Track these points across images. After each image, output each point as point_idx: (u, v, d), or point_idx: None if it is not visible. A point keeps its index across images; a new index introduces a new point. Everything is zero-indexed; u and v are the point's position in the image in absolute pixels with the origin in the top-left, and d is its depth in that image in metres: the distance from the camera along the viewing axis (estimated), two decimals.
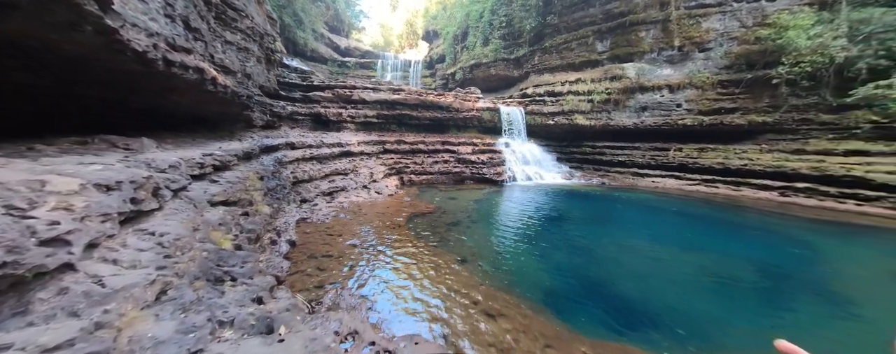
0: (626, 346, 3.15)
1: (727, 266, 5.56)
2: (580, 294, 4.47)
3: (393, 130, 16.16)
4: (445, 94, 18.89)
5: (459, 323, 3.42)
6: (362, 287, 4.16)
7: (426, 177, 14.85)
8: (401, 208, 9.22)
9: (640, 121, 15.96)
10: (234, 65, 6.70)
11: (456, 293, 4.08)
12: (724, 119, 13.80)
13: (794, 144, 12.27)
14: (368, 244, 5.85)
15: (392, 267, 4.88)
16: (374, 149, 14.08)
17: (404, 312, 3.63)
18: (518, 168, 16.48)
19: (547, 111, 18.64)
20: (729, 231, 8.14)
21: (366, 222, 7.36)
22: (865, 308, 4.13)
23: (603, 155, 17.62)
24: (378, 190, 11.29)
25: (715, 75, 14.29)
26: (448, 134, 17.54)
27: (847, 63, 11.08)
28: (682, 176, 14.42)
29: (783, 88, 12.38)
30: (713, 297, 4.48)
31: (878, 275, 5.15)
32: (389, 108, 15.84)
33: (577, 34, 18.37)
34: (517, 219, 8.70)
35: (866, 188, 9.98)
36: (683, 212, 10.04)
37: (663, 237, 7.38)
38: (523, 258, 5.68)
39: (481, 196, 12.21)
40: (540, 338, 3.18)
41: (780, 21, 12.39)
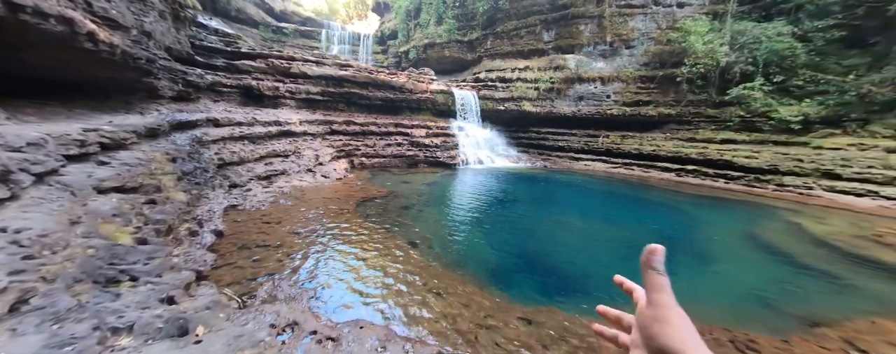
0: (554, 309, 3.61)
1: (636, 235, 6.72)
2: (520, 268, 4.94)
3: (341, 109, 15.01)
4: (398, 74, 18.07)
5: (407, 304, 3.50)
6: (305, 276, 3.93)
7: (378, 160, 14.35)
8: (350, 193, 8.80)
9: (577, 110, 17.58)
10: (126, 19, 5.34)
11: (405, 276, 4.14)
12: (642, 110, 16.02)
13: (688, 133, 14.93)
14: (313, 231, 5.50)
15: (339, 254, 4.70)
16: (319, 129, 12.96)
17: (350, 298, 3.57)
18: (471, 152, 16.95)
19: (498, 96, 19.25)
20: (639, 206, 9.76)
21: (310, 208, 6.86)
22: (720, 261, 5.43)
23: (546, 140, 19.11)
24: (325, 173, 10.55)
25: (636, 71, 16.31)
26: (401, 115, 16.99)
27: (727, 67, 13.65)
28: (608, 159, 16.53)
29: (684, 85, 14.78)
30: (623, 262, 5.40)
31: (731, 237, 6.77)
32: (336, 85, 14.57)
33: (526, 22, 18.95)
34: (468, 202, 9.05)
35: (732, 169, 12.79)
36: (607, 191, 11.63)
37: (590, 213, 8.49)
38: (472, 238, 5.98)
39: (435, 179, 12.32)
40: (481, 311, 3.45)
41: (685, 26, 14.53)
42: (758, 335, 3.23)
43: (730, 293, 4.32)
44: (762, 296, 4.18)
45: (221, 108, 9.71)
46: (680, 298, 0.41)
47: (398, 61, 26.39)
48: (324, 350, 2.52)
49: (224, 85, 11.09)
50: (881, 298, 4.18)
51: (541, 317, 3.39)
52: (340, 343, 2.62)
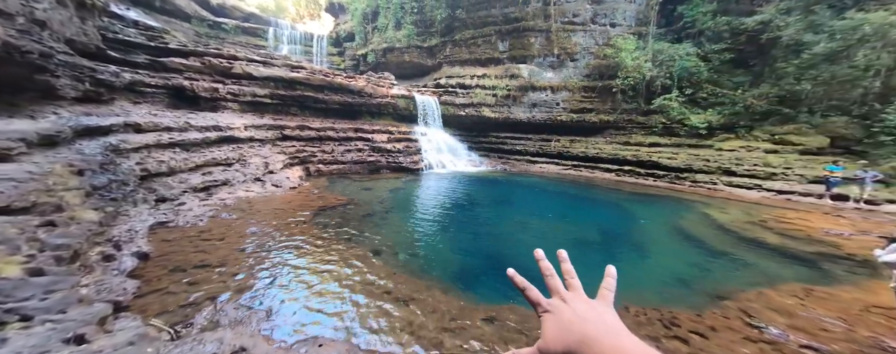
0: (514, 306, 3.80)
1: (584, 230, 7.41)
2: (484, 269, 5.12)
3: (293, 114, 14.06)
4: (357, 77, 17.54)
5: (370, 315, 3.40)
6: (253, 296, 3.59)
7: (337, 167, 13.70)
8: (306, 202, 8.27)
9: (532, 116, 18.83)
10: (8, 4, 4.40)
11: (367, 286, 4.02)
12: (586, 117, 17.76)
13: (623, 138, 16.94)
14: (262, 246, 5.04)
15: (293, 269, 4.38)
16: (268, 134, 11.96)
17: (308, 316, 3.35)
18: (434, 156, 17.07)
19: (459, 102, 19.75)
20: (587, 204, 10.78)
21: (260, 221, 6.29)
22: (651, 250, 6.26)
23: (505, 144, 20.08)
24: (276, 182, 9.75)
25: (580, 81, 18.08)
26: (361, 120, 16.50)
27: (651, 80, 15.85)
28: (560, 162, 17.95)
29: (619, 95, 16.78)
30: (574, 256, 5.86)
31: (659, 228, 7.85)
32: (288, 88, 13.62)
33: (483, 32, 19.86)
34: (432, 207, 9.10)
35: (658, 169, 14.80)
36: (560, 192, 12.62)
37: (546, 213, 9.14)
38: (437, 243, 6.03)
39: (398, 185, 12.15)
40: (447, 315, 3.50)
41: (617, 44, 16.56)
42: (679, 312, 3.80)
43: (658, 277, 4.99)
44: (682, 278, 4.91)
45: (144, 111, 8.43)
46: (622, 285, 0.49)
47: (356, 64, 25.62)
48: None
49: (147, 85, 9.68)
50: (765, 272, 5.20)
51: (503, 315, 3.56)
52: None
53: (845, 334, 3.39)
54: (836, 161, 11.15)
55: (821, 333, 3.39)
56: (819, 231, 7.27)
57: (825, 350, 3.11)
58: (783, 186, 11.63)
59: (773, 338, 3.28)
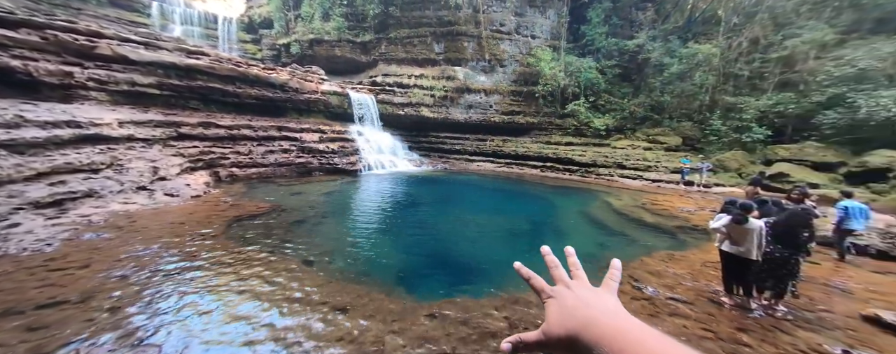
0: (456, 299, 3.96)
1: (516, 222, 8.19)
2: (426, 267, 5.18)
3: (194, 108, 11.70)
4: (279, 69, 15.61)
5: (304, 329, 3.10)
6: (139, 333, 2.87)
7: (257, 171, 11.96)
8: (215, 212, 7.01)
9: (469, 117, 19.78)
10: None
11: (297, 301, 3.65)
12: (515, 119, 19.56)
13: (545, 138, 19.26)
14: (152, 269, 4.07)
15: (199, 290, 3.66)
16: (157, 132, 9.69)
17: (222, 342, 2.86)
18: (373, 157, 16.40)
19: (397, 101, 19.41)
20: (518, 198, 11.91)
21: (146, 239, 5.06)
22: (568, 234, 7.32)
23: (445, 144, 20.61)
24: (171, 191, 7.99)
25: (509, 86, 19.81)
26: (286, 118, 14.73)
27: (564, 88, 18.41)
28: (495, 160, 19.35)
29: (540, 100, 18.99)
30: (508, 246, 6.49)
31: (573, 215, 9.23)
32: (184, 77, 11.25)
33: (418, 32, 19.93)
34: (372, 209, 8.75)
35: (572, 164, 17.32)
36: (495, 188, 13.62)
37: (484, 208, 9.75)
38: (377, 246, 5.83)
39: (333, 187, 11.30)
40: (388, 317, 3.44)
41: (537, 54, 18.71)
42: None
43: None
44: (590, 254, 5.89)
45: None
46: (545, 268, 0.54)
47: (277, 55, 22.77)
48: None
49: None
50: (645, 244, 6.63)
51: (446, 310, 3.67)
52: None
53: (692, 284, 4.57)
54: (686, 155, 14.90)
55: (678, 286, 4.50)
56: (677, 209, 9.61)
57: (681, 298, 4.14)
58: (656, 176, 14.95)
59: (649, 295, 4.21)
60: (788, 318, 3.65)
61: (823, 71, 13.59)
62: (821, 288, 4.52)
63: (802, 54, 14.72)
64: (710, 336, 3.28)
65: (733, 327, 3.44)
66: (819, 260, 5.51)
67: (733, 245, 3.86)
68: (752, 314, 3.75)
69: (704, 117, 16.60)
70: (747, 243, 3.72)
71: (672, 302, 4.02)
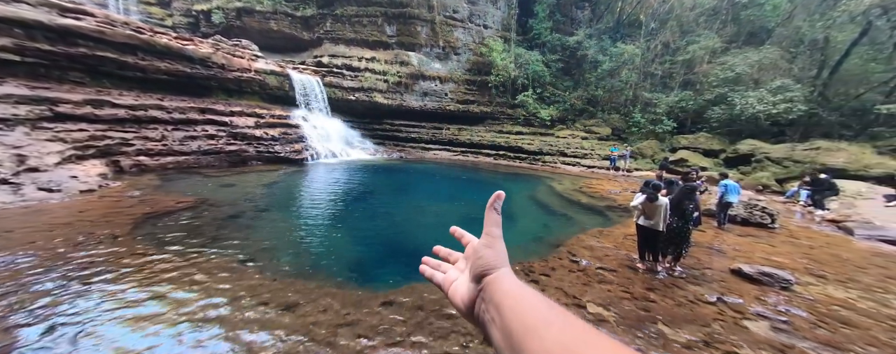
0: (413, 286, 3.99)
1: (470, 208, 8.51)
2: (382, 257, 5.10)
3: (75, 82, 9.33)
4: (198, 41, 13.20)
5: (243, 335, 2.83)
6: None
7: (174, 160, 10.21)
8: (117, 209, 5.84)
9: (424, 105, 19.48)
10: None
11: (235, 302, 3.29)
12: (470, 108, 19.91)
13: (498, 127, 20.10)
14: (23, 281, 3.24)
15: (94, 307, 3.00)
16: (20, 111, 7.57)
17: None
18: (321, 145, 15.21)
19: (347, 85, 18.11)
20: (472, 185, 12.34)
21: (13, 245, 3.99)
22: (519, 217, 7.90)
23: (400, 132, 20.09)
24: (48, 185, 6.38)
25: (463, 75, 19.95)
26: (212, 98, 12.69)
27: (515, 78, 19.26)
28: (451, 149, 19.59)
29: (493, 90, 19.60)
30: (465, 229, 6.71)
31: (523, 199, 9.97)
32: (57, 41, 8.82)
33: (368, 11, 18.61)
34: (321, 200, 8.20)
35: (522, 152, 18.48)
36: (450, 176, 13.86)
37: (439, 195, 9.88)
38: (328, 240, 5.52)
39: (274, 178, 10.25)
40: (342, 309, 3.33)
41: (489, 43, 19.10)
42: (533, 261, 5.02)
43: (522, 238, 6.38)
44: (537, 235, 6.48)
45: None
46: None
47: (194, 23, 19.19)
48: None
49: None
50: (580, 223, 7.53)
51: (401, 296, 3.68)
52: None
53: (616, 254, 5.38)
54: (614, 144, 17.07)
55: (605, 257, 5.25)
56: (607, 191, 11.05)
57: (607, 267, 4.84)
58: (591, 163, 16.86)
59: (583, 267, 4.84)
60: (683, 276, 4.55)
61: (713, 73, 16.63)
62: (704, 251, 5.72)
63: (699, 58, 17.74)
64: (627, 296, 3.93)
65: (644, 287, 4.17)
66: (705, 228, 6.92)
67: (647, 219, 4.60)
68: (658, 275, 4.58)
69: (629, 110, 19.09)
70: (657, 217, 4.48)
71: (600, 272, 4.69)
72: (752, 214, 7.50)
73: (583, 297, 3.82)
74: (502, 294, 0.44)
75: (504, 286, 0.45)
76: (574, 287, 4.11)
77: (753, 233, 6.95)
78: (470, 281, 0.50)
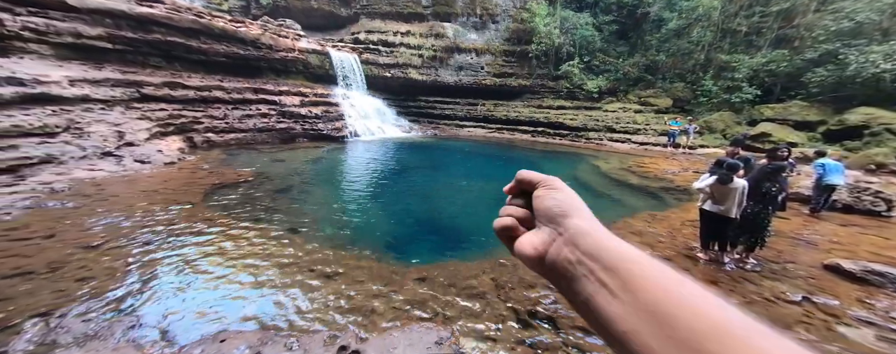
0: (446, 262, 4.02)
1: (504, 185, 8.16)
2: (416, 233, 5.19)
3: (156, 66, 10.56)
4: (249, 23, 13.96)
5: (289, 296, 3.09)
6: (114, 302, 2.79)
7: (235, 136, 11.32)
8: (193, 180, 6.68)
9: (459, 79, 18.76)
10: None
11: (284, 267, 3.61)
12: (507, 81, 18.69)
13: (537, 102, 18.69)
14: (126, 238, 3.90)
15: (179, 260, 3.55)
16: (115, 92, 8.80)
17: (202, 309, 2.82)
18: (360, 123, 15.69)
19: (383, 62, 18.07)
20: (508, 163, 11.87)
21: (117, 208, 4.80)
22: None
23: (434, 109, 19.81)
24: (141, 157, 7.51)
25: (501, 45, 18.55)
26: (263, 78, 13.59)
27: (559, 47, 17.38)
28: (485, 125, 18.89)
29: (534, 61, 18.00)
30: (497, 211, 6.50)
31: (561, 179, 9.24)
32: (138, 29, 9.92)
33: None
34: (361, 176, 8.54)
35: (563, 129, 17.10)
36: (485, 154, 13.45)
37: (473, 174, 9.68)
38: (367, 213, 5.76)
39: (319, 155, 10.90)
40: (378, 282, 3.46)
41: (532, 8, 17.23)
42: None
43: None
44: None
45: None
46: None
47: (246, 6, 20.29)
48: None
49: None
50: (628, 205, 6.81)
51: (434, 272, 3.72)
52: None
53: (670, 242, 4.77)
54: (675, 117, 14.85)
55: (657, 244, 4.70)
56: (662, 171, 9.81)
57: (659, 255, 4.32)
58: (643, 139, 15.02)
59: None
60: (757, 270, 3.89)
61: (821, 25, 13.13)
62: (789, 241, 4.81)
63: (803, 6, 14.06)
64: None
65: (705, 279, 3.65)
66: (790, 215, 5.80)
67: (715, 204, 3.93)
68: (724, 267, 3.97)
69: (697, 77, 16.24)
70: (729, 202, 3.79)
71: None
72: (859, 199, 6.09)
73: None
74: (613, 253, 0.33)
75: (609, 242, 0.35)
76: None
77: (859, 223, 5.67)
78: (544, 224, 0.41)
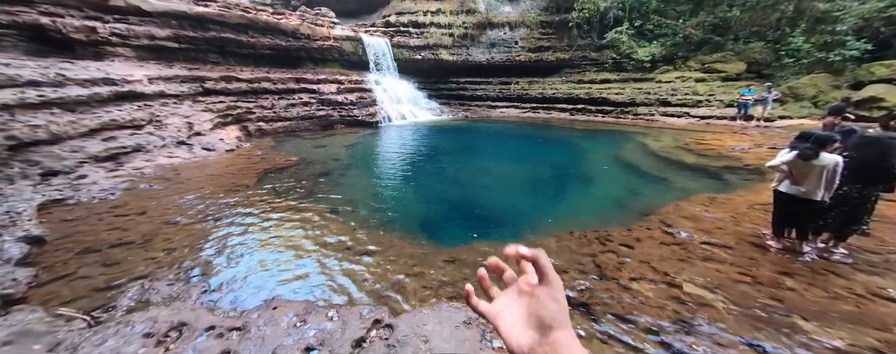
0: (475, 245, 4.03)
1: (539, 169, 7.85)
2: (447, 215, 5.26)
3: (214, 62, 11.67)
4: (288, 14, 14.57)
5: (329, 272, 3.38)
6: (191, 269, 3.30)
7: (282, 125, 12.25)
8: (249, 165, 7.45)
9: (491, 57, 17.87)
10: None
11: (326, 245, 3.91)
12: (543, 56, 17.33)
13: (577, 76, 17.13)
14: (197, 215, 4.53)
15: (238, 235, 4.06)
16: (184, 88, 9.94)
17: (258, 281, 3.23)
18: (392, 107, 15.95)
19: (413, 44, 17.83)
20: (543, 144, 11.26)
21: (191, 190, 5.56)
22: (596, 180, 6.91)
23: (465, 90, 19.30)
24: (207, 145, 8.51)
25: (538, 16, 17.05)
26: (303, 68, 14.32)
27: (605, 11, 15.45)
28: (519, 105, 17.98)
29: (574, 30, 16.32)
30: (531, 194, 6.34)
31: (603, 159, 8.60)
32: (197, 28, 10.95)
33: None
34: (393, 160, 8.78)
35: (606, 105, 15.58)
36: (518, 135, 12.89)
37: (505, 156, 9.38)
38: (400, 196, 5.96)
39: (355, 140, 11.39)
40: (410, 261, 3.61)
41: None
42: (612, 230, 4.36)
43: (599, 203, 5.60)
44: (619, 201, 5.57)
45: None
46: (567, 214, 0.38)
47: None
48: (226, 343, 2.27)
49: None
50: (682, 187, 6.09)
51: (462, 255, 3.76)
52: (249, 330, 2.40)
53: (733, 228, 4.20)
54: (750, 85, 12.57)
55: (716, 230, 4.17)
56: (727, 148, 8.53)
57: (718, 242, 3.83)
58: (705, 112, 13.09)
59: (682, 239, 3.97)
60: (847, 261, 3.27)
61: None
62: (893, 229, 3.93)
63: None
64: (746, 279, 3.07)
65: (777, 271, 3.18)
66: None
67: (794, 184, 3.32)
68: (802, 257, 3.40)
69: (783, 34, 13.38)
70: (811, 182, 3.17)
71: (707, 247, 3.77)
72: None
73: (678, 275, 3.15)
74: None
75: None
76: (665, 262, 3.43)
77: None
78: (529, 328, 0.46)
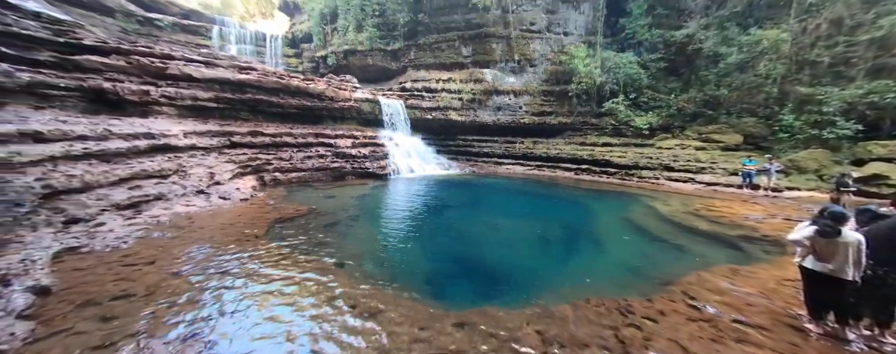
0: (486, 308, 3.76)
1: (547, 228, 7.74)
2: (455, 273, 5.05)
3: (244, 119, 12.93)
4: (316, 80, 16.69)
5: (332, 335, 3.15)
6: (190, 327, 3.13)
7: (297, 175, 12.82)
8: (260, 214, 7.57)
9: (497, 119, 19.42)
10: None
11: (329, 303, 3.73)
12: (546, 120, 18.77)
13: (580, 139, 18.17)
14: (203, 267, 4.46)
15: (241, 290, 3.92)
16: (213, 141, 10.82)
17: (258, 339, 3.01)
18: (402, 161, 16.76)
19: (425, 106, 19.70)
20: (550, 202, 11.32)
21: (201, 239, 5.59)
22: (607, 243, 6.72)
23: (472, 147, 20.43)
24: (224, 194, 8.82)
25: (540, 86, 19.10)
26: (322, 125, 15.68)
27: (601, 85, 17.26)
28: (524, 163, 18.70)
29: (574, 99, 18.01)
30: (542, 254, 6.15)
31: (612, 221, 8.50)
32: (236, 91, 12.50)
33: (446, 37, 20.12)
34: (401, 213, 8.86)
35: (610, 166, 16.08)
36: (525, 191, 13.09)
37: (513, 212, 9.39)
38: (406, 251, 5.84)
39: (365, 191, 11.69)
40: (416, 324, 3.36)
41: (571, 51, 17.81)
42: (633, 299, 4.07)
43: (614, 268, 5.35)
44: (634, 267, 5.32)
45: (48, 118, 7.11)
46: (580, 277, 0.42)
47: (315, 67, 24.45)
48: None
49: (53, 87, 8.20)
50: (700, 255, 5.84)
51: (473, 319, 3.50)
52: None
53: (764, 305, 3.89)
54: (750, 156, 13.05)
55: (746, 307, 3.85)
56: (740, 216, 8.39)
57: (751, 322, 3.53)
58: (711, 178, 13.30)
59: (710, 316, 3.66)
60: None
61: None
62: None
63: None
64: None
65: None
66: None
67: (820, 261, 3.20)
68: (848, 346, 3.06)
69: (772, 112, 14.47)
70: (837, 259, 3.06)
71: (739, 326, 3.44)
72: None
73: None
74: None
75: None
76: (696, 342, 3.11)
77: None
78: None
